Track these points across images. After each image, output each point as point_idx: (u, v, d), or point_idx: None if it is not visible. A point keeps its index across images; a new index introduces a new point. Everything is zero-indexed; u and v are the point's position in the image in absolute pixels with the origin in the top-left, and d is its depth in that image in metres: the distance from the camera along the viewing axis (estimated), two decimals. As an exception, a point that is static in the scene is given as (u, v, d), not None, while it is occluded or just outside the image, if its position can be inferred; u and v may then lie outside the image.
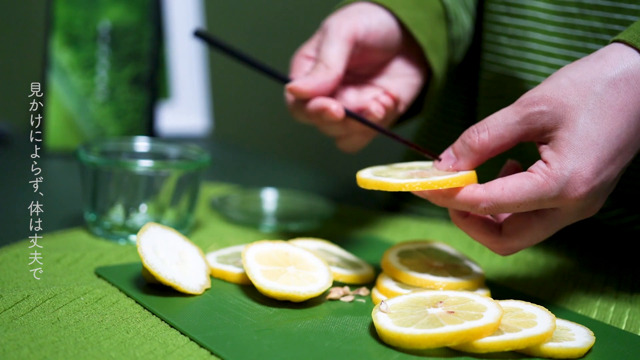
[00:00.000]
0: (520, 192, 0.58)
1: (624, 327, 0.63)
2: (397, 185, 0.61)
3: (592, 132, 0.58)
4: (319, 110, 0.71)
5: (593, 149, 0.58)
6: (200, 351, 0.54)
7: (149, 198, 0.78)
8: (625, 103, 0.58)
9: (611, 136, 0.58)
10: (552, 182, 0.58)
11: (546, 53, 0.75)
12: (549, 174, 0.58)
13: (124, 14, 1.17)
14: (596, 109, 0.58)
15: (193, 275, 0.65)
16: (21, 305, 0.59)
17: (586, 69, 0.59)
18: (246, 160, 1.29)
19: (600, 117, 0.58)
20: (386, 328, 0.55)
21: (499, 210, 0.59)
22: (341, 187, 1.13)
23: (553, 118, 0.59)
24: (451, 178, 0.60)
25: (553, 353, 0.55)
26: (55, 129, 1.16)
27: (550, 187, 0.58)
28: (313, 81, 0.71)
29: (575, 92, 0.59)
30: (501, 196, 0.59)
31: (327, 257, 0.70)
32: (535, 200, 0.58)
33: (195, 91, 1.42)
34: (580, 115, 0.58)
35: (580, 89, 0.59)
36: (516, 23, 0.77)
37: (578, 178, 0.58)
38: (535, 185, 0.58)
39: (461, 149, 0.62)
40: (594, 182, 0.58)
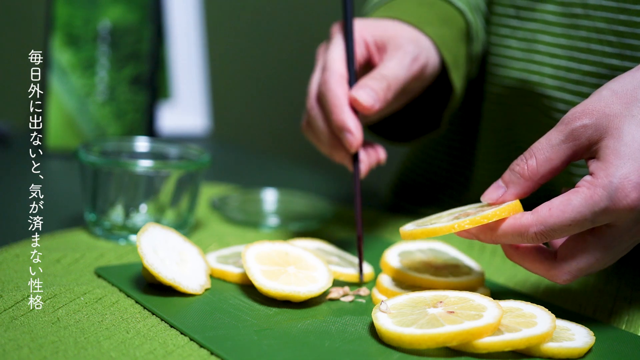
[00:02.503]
0: (569, 209, 0.55)
1: (624, 327, 0.63)
2: (446, 229, 0.59)
3: (638, 138, 0.56)
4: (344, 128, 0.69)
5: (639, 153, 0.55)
6: (200, 351, 0.54)
7: (149, 198, 0.78)
8: None
9: None
10: (600, 191, 0.55)
11: (551, 54, 0.75)
12: (596, 183, 0.55)
13: (124, 14, 1.17)
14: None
15: (193, 275, 0.65)
16: (21, 305, 0.59)
17: (628, 78, 0.58)
18: (246, 160, 1.29)
19: None
20: (386, 328, 0.55)
21: (550, 233, 0.56)
22: (341, 187, 1.13)
23: (597, 130, 0.57)
24: (498, 209, 0.58)
25: (553, 353, 0.55)
26: (55, 129, 1.16)
27: (600, 197, 0.55)
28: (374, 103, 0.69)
29: (617, 101, 0.57)
30: (549, 216, 0.56)
31: (326, 257, 0.70)
32: (586, 214, 0.55)
33: (195, 91, 1.42)
34: (624, 122, 0.56)
35: (623, 97, 0.57)
36: (525, 26, 0.77)
37: (627, 183, 0.55)
38: (583, 199, 0.55)
39: (510, 177, 0.60)
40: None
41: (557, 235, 0.56)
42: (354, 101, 0.69)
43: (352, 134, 0.69)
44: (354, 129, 0.69)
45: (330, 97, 0.69)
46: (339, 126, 0.69)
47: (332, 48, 0.72)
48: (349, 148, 0.69)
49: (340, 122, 0.69)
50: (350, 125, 0.69)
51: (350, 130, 0.69)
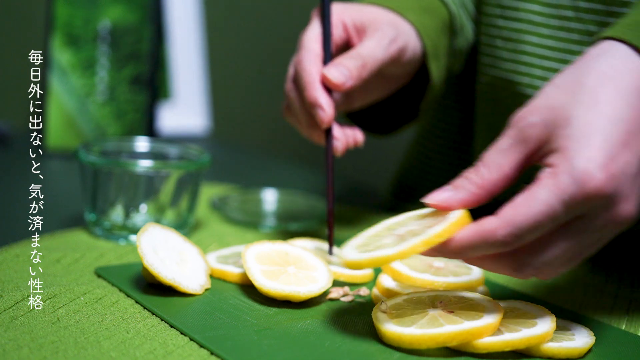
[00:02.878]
0: (536, 202, 0.51)
1: (624, 327, 0.63)
2: (397, 255, 0.52)
3: (591, 119, 0.52)
4: (315, 104, 0.70)
5: (596, 133, 0.51)
6: (200, 351, 0.54)
7: (149, 198, 0.78)
8: (618, 88, 0.53)
9: (613, 118, 0.52)
10: (564, 177, 0.51)
11: (541, 56, 0.75)
12: (558, 171, 0.51)
13: (124, 14, 1.17)
14: (588, 99, 0.53)
15: (193, 275, 0.65)
16: (21, 305, 0.59)
17: (569, 70, 0.55)
18: (246, 160, 1.29)
19: (594, 104, 0.52)
20: (386, 328, 0.55)
21: (520, 233, 0.51)
22: (341, 187, 1.13)
23: (546, 126, 0.53)
24: (450, 224, 0.52)
25: (553, 353, 0.55)
26: (55, 129, 1.16)
27: (565, 184, 0.50)
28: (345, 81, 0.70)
29: (561, 93, 0.54)
30: (516, 214, 0.51)
31: (327, 257, 0.70)
32: (555, 205, 0.50)
33: (195, 91, 1.42)
34: (572, 110, 0.53)
35: (566, 88, 0.54)
36: (511, 26, 0.77)
37: (591, 165, 0.50)
38: (548, 189, 0.51)
39: (461, 182, 0.55)
40: (611, 167, 0.51)
41: (528, 235, 0.51)
42: (324, 78, 0.70)
43: (324, 109, 0.70)
44: (325, 105, 0.70)
45: (303, 74, 0.71)
46: (311, 102, 0.70)
47: (308, 29, 0.73)
48: (321, 124, 0.70)
49: (312, 99, 0.70)
50: (322, 101, 0.70)
51: (321, 106, 0.70)
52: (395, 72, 0.76)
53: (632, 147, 0.52)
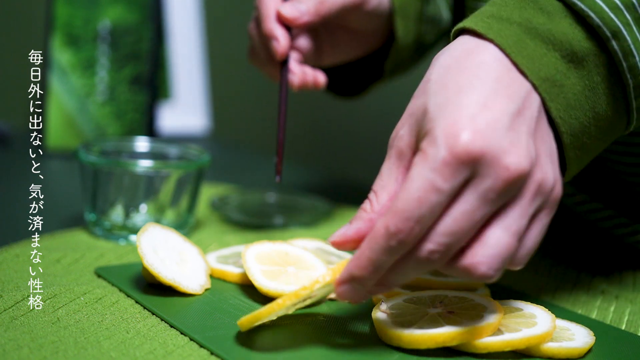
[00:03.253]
0: (411, 182, 0.48)
1: (624, 327, 0.63)
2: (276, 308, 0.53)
3: (441, 100, 0.50)
4: (270, 35, 0.73)
5: (448, 105, 0.50)
6: (200, 351, 0.54)
7: (149, 198, 0.78)
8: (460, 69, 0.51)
9: (464, 90, 0.50)
10: (429, 149, 0.48)
11: None
12: (424, 147, 0.49)
13: (124, 14, 1.17)
14: (437, 88, 0.51)
15: (193, 275, 0.65)
16: (21, 305, 0.59)
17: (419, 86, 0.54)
18: (246, 160, 1.29)
19: (442, 88, 0.51)
20: (386, 328, 0.55)
21: (409, 216, 0.48)
22: (341, 187, 1.13)
23: (410, 130, 0.52)
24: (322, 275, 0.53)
25: (553, 353, 0.55)
26: (55, 129, 1.16)
27: (432, 153, 0.48)
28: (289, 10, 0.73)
29: (414, 100, 0.53)
30: (396, 202, 0.49)
31: (326, 257, 0.70)
32: (431, 178, 0.48)
33: (195, 91, 1.42)
34: (426, 102, 0.51)
35: (417, 93, 0.53)
36: None
37: (452, 128, 0.48)
38: (418, 166, 0.49)
39: (357, 214, 0.53)
40: (474, 124, 0.48)
41: (420, 216, 0.48)
42: (279, 15, 0.73)
43: (278, 40, 0.73)
44: (280, 37, 0.73)
45: (261, 9, 0.74)
46: (266, 34, 0.73)
47: None
48: (275, 54, 0.73)
49: (267, 30, 0.73)
50: (276, 32, 0.73)
51: (275, 37, 0.73)
52: (360, 24, 0.77)
53: (493, 106, 0.50)
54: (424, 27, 0.81)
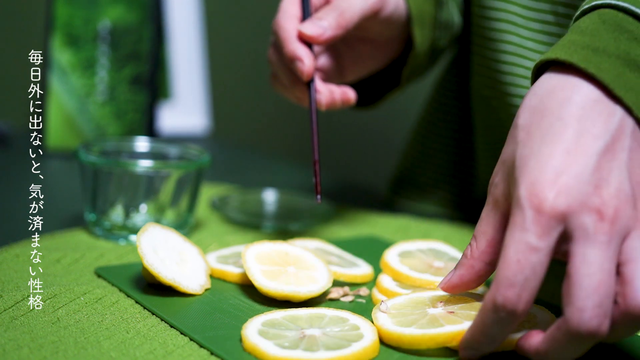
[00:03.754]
0: (506, 249, 0.49)
1: (624, 327, 0.63)
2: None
3: (526, 152, 0.50)
4: (294, 56, 0.70)
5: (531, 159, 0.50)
6: (200, 351, 0.54)
7: (149, 198, 0.78)
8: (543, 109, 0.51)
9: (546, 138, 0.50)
10: (516, 212, 0.49)
11: (522, 56, 0.76)
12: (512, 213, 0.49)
13: (124, 14, 1.17)
14: (523, 136, 0.51)
15: (193, 275, 0.65)
16: (21, 305, 0.59)
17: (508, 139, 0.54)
18: (246, 160, 1.29)
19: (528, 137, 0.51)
20: (386, 328, 0.55)
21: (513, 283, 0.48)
22: (341, 187, 1.13)
23: (504, 180, 0.52)
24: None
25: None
26: (55, 129, 1.16)
27: (520, 216, 0.49)
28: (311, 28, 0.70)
29: (506, 146, 0.53)
30: (498, 272, 0.49)
31: (326, 257, 0.70)
32: (524, 239, 0.48)
33: (195, 91, 1.42)
34: (515, 154, 0.51)
35: (508, 139, 0.53)
36: (492, 26, 0.78)
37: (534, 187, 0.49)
38: (511, 232, 0.49)
39: (460, 260, 0.55)
40: (558, 180, 0.48)
41: (524, 280, 0.48)
42: (301, 34, 0.70)
43: (302, 61, 0.70)
44: (304, 57, 0.70)
45: (280, 32, 0.71)
46: (289, 56, 0.70)
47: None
48: (301, 75, 0.70)
49: (289, 53, 0.70)
50: (300, 53, 0.70)
51: (299, 57, 0.70)
52: (379, 33, 0.76)
53: (576, 153, 0.49)
54: (437, 33, 0.81)
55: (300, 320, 0.56)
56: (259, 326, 0.55)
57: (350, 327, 0.55)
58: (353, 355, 0.52)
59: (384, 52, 0.78)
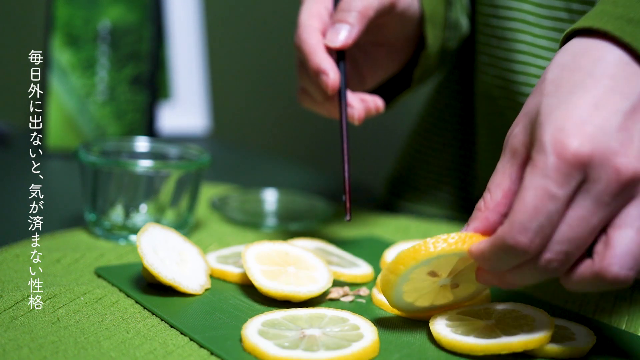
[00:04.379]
0: (526, 192, 0.49)
1: (624, 327, 0.63)
2: None
3: (553, 101, 0.51)
4: (318, 70, 0.69)
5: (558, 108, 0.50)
6: (200, 351, 0.54)
7: (149, 198, 0.78)
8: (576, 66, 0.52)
9: (574, 90, 0.51)
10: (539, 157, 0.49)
11: (535, 55, 0.76)
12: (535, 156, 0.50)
13: (124, 14, 1.17)
14: (551, 88, 0.52)
15: (193, 275, 0.65)
16: (21, 305, 0.59)
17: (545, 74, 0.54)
18: (246, 160, 1.29)
19: (557, 88, 0.51)
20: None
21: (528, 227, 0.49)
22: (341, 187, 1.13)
23: (525, 130, 0.52)
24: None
25: (556, 353, 0.55)
26: (55, 129, 1.16)
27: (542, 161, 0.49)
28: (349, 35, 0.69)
29: (530, 98, 0.54)
30: (513, 213, 0.50)
31: (326, 257, 0.70)
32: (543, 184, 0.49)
33: (195, 91, 1.42)
34: (540, 105, 0.52)
35: (534, 91, 0.54)
36: (504, 25, 0.78)
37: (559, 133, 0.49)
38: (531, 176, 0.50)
39: (473, 214, 0.55)
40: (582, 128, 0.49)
41: (538, 226, 0.49)
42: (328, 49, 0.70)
43: (327, 74, 0.69)
44: (329, 70, 0.69)
45: (303, 47, 0.70)
46: (314, 71, 0.69)
47: (303, 8, 0.73)
48: (326, 89, 0.69)
49: (314, 66, 0.69)
50: (325, 66, 0.69)
51: (324, 71, 0.69)
52: (393, 31, 0.75)
53: (604, 107, 0.50)
54: (447, 33, 0.80)
55: (300, 320, 0.56)
56: (259, 326, 0.55)
57: (350, 327, 0.55)
58: (353, 355, 0.52)
59: (399, 54, 0.78)
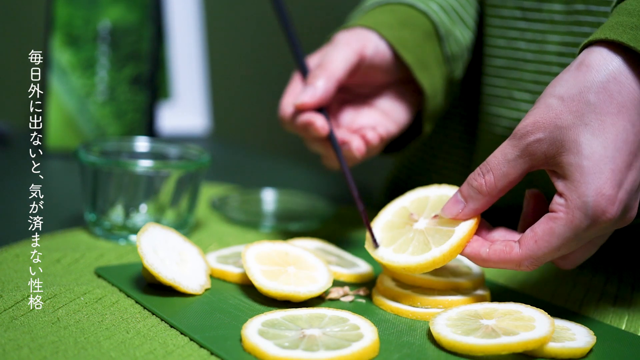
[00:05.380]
0: (555, 238, 0.56)
1: (624, 327, 0.63)
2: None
3: (598, 147, 0.55)
4: (305, 124, 0.72)
5: (604, 163, 0.55)
6: (200, 351, 0.54)
7: (149, 198, 0.78)
8: (622, 103, 0.55)
9: (618, 143, 0.55)
10: (578, 214, 0.55)
11: (559, 53, 0.75)
12: (571, 206, 0.55)
13: (124, 14, 1.17)
14: (594, 121, 0.55)
15: (193, 275, 0.65)
16: (21, 305, 0.59)
17: (571, 81, 0.57)
18: (246, 160, 1.29)
19: (601, 128, 0.55)
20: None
21: (541, 261, 0.58)
22: (341, 187, 1.13)
23: (552, 144, 0.56)
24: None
25: (556, 353, 0.55)
26: (55, 129, 1.16)
27: (579, 220, 0.55)
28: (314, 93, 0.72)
29: (567, 110, 0.56)
30: (538, 249, 0.57)
31: (326, 257, 0.70)
32: (571, 238, 0.56)
33: (195, 91, 1.42)
34: (579, 134, 0.55)
35: (571, 105, 0.56)
36: (534, 27, 0.76)
37: (602, 199, 0.55)
38: (564, 225, 0.56)
39: (469, 192, 0.60)
40: (620, 195, 0.55)
41: (547, 260, 0.58)
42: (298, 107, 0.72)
43: (313, 123, 0.71)
44: (313, 118, 0.71)
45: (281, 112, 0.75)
46: (303, 126, 0.72)
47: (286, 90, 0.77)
48: (320, 136, 0.72)
49: (302, 124, 0.72)
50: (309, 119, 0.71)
51: (310, 122, 0.71)
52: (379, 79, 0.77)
53: (635, 164, 0.56)
54: (448, 68, 0.80)
55: (300, 320, 0.56)
56: (259, 326, 0.55)
57: (350, 327, 0.55)
58: (353, 355, 0.52)
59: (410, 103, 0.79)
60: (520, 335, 0.54)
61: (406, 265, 0.61)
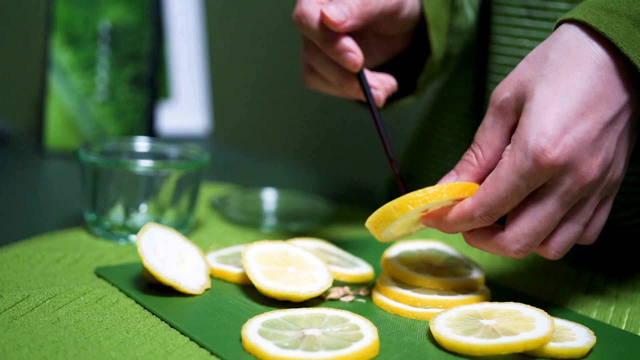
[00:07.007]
0: (499, 182, 0.57)
1: (624, 327, 0.63)
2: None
3: (548, 93, 0.56)
4: (344, 49, 0.67)
5: (550, 106, 0.56)
6: (200, 351, 0.54)
7: (149, 198, 0.78)
8: (579, 56, 0.57)
9: (569, 89, 0.56)
10: (519, 154, 0.56)
11: None
12: (514, 148, 0.56)
13: (124, 14, 1.17)
14: (550, 72, 0.57)
15: (193, 275, 0.65)
16: (21, 305, 0.59)
17: (539, 46, 0.59)
18: (246, 160, 1.29)
19: (555, 77, 0.57)
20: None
21: (493, 210, 0.57)
22: (341, 187, 1.13)
23: (517, 98, 0.58)
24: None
25: (556, 353, 0.55)
26: (55, 129, 1.16)
27: (521, 160, 0.56)
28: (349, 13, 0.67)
29: (529, 67, 0.58)
30: (486, 195, 0.57)
31: (326, 257, 0.70)
32: (516, 181, 0.56)
33: (195, 91, 1.42)
34: (535, 83, 0.57)
35: (534, 62, 0.58)
36: (539, 25, 0.77)
37: (542, 138, 0.55)
38: (507, 167, 0.56)
39: (461, 165, 0.62)
40: (566, 139, 0.55)
41: (500, 210, 0.58)
42: (323, 17, 0.66)
43: (354, 51, 0.67)
44: (353, 47, 0.67)
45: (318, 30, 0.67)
46: (340, 50, 0.67)
47: None
48: (353, 68, 0.67)
49: (340, 47, 0.67)
50: (349, 45, 0.67)
51: (349, 49, 0.67)
52: (392, 30, 0.74)
53: (589, 116, 0.56)
54: (451, 40, 0.80)
55: (300, 320, 0.56)
56: (259, 326, 0.55)
57: (350, 327, 0.56)
58: (353, 355, 0.52)
59: (391, 47, 0.77)
60: (520, 335, 0.54)
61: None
